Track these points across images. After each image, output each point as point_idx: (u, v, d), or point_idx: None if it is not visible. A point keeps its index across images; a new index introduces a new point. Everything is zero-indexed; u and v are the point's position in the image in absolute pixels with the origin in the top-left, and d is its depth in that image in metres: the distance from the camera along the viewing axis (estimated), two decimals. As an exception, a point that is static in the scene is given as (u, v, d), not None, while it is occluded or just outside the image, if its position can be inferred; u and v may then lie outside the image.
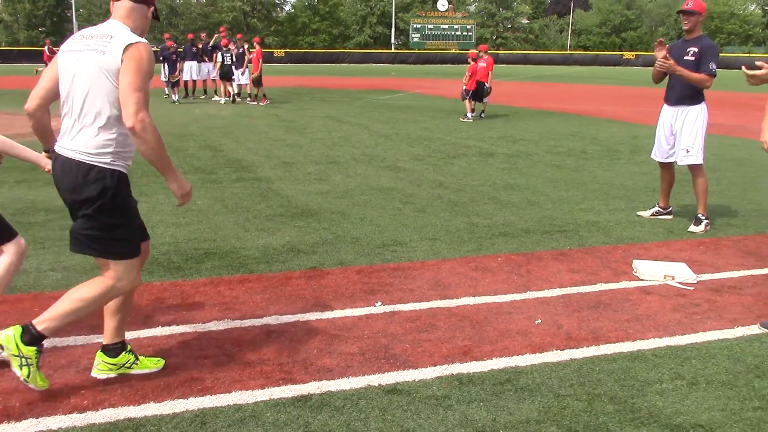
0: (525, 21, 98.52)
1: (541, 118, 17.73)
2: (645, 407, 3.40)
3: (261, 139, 12.89)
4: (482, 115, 17.76)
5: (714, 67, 6.67)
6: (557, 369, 3.78)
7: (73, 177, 3.27)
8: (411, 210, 7.42)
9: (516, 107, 20.49)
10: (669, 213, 7.34)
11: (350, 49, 79.69)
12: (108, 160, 3.27)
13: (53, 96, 3.46)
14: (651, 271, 5.37)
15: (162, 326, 4.26)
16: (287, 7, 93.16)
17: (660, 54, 6.73)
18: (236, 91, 21.42)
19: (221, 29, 24.08)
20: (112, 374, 3.57)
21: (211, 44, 23.15)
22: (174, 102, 20.91)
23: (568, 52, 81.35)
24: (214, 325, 4.29)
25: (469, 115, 17.08)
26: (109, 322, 3.56)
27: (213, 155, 10.95)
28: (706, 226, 6.83)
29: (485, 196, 8.17)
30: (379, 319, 4.44)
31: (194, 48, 22.83)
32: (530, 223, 6.95)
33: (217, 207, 7.41)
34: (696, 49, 6.75)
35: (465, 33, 76.24)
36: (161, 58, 21.11)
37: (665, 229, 6.87)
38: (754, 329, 4.41)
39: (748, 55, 61.88)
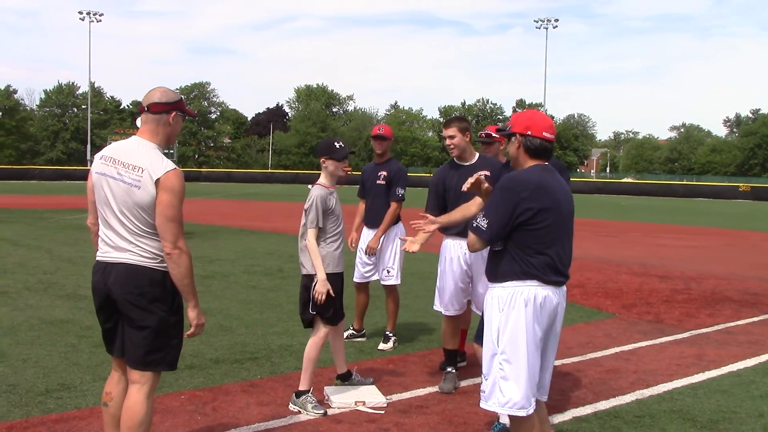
0: (227, 140, 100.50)
1: (241, 237, 17.58)
2: None
3: None
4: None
5: (401, 192, 6.99)
6: None
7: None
8: (87, 345, 6.61)
9: (216, 225, 20.14)
10: (363, 335, 7.31)
11: (41, 165, 74.75)
12: None
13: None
14: (342, 398, 5.21)
15: None
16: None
17: None
18: None
19: None
20: None
21: None
22: None
23: (269, 170, 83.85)
24: None
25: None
26: None
27: None
28: (394, 343, 6.94)
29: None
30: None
31: None
32: (220, 352, 6.52)
33: None
34: (385, 173, 7.02)
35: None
36: None
37: (357, 349, 6.84)
38: (440, 451, 4.37)
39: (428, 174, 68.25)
